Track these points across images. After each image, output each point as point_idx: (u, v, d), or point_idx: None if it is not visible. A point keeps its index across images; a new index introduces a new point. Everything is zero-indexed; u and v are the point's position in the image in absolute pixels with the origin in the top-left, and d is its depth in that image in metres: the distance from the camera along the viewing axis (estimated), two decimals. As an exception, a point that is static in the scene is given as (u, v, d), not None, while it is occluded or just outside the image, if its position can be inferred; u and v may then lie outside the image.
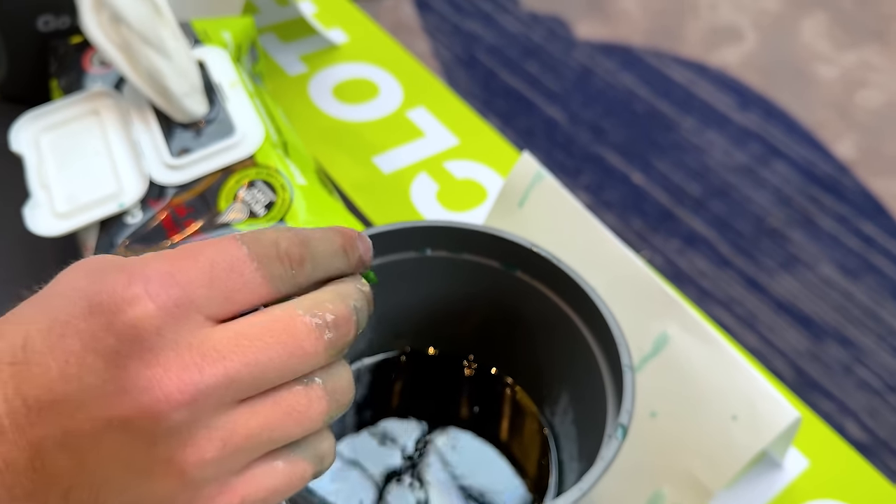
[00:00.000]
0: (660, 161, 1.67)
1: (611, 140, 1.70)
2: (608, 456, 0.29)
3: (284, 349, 0.22)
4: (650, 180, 1.63)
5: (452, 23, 1.97)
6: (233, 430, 0.21)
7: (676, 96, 1.83)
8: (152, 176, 0.44)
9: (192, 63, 0.47)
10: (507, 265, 0.38)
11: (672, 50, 1.96)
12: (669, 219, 1.55)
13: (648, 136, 1.73)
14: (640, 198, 1.59)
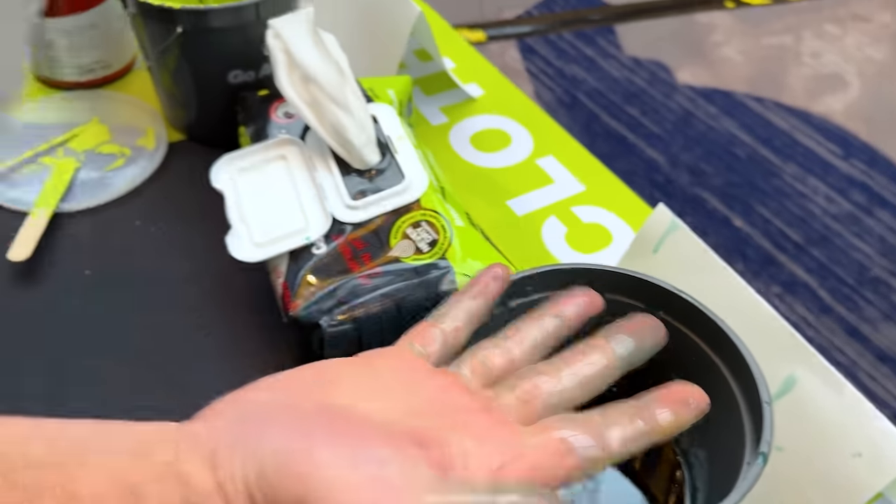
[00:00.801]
0: (761, 206, 1.68)
1: (711, 183, 1.72)
2: (750, 480, 0.34)
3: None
4: (751, 225, 1.64)
5: (556, 67, 2.04)
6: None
7: (779, 142, 1.84)
8: (334, 214, 0.52)
9: (368, 118, 0.54)
10: (650, 306, 0.43)
11: (775, 97, 1.97)
12: (771, 264, 1.56)
13: (750, 180, 1.74)
14: (741, 242, 1.60)
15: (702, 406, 0.32)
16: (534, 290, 0.43)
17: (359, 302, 0.48)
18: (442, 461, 0.26)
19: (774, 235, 1.61)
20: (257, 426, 0.25)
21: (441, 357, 0.34)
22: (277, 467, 0.23)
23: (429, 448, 0.26)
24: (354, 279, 0.49)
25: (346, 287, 0.49)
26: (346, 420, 0.27)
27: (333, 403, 0.28)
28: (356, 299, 0.48)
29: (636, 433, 0.30)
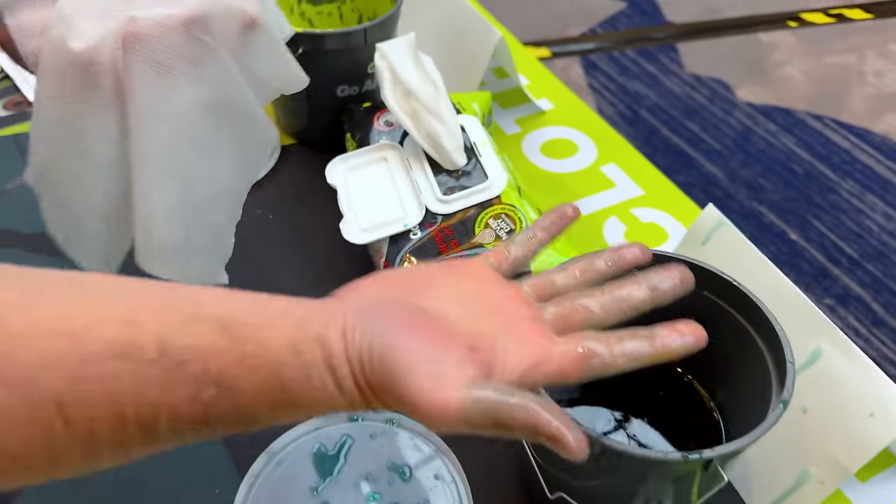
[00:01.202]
0: (817, 220, 1.72)
1: (769, 198, 1.77)
2: (772, 419, 0.42)
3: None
4: (807, 238, 1.68)
5: (618, 83, 2.11)
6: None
7: (837, 159, 1.87)
8: (428, 207, 0.61)
9: (458, 126, 0.64)
10: (697, 285, 0.51)
11: (835, 115, 2.00)
12: (825, 276, 1.60)
13: (807, 195, 1.78)
14: (795, 254, 1.64)
15: (700, 338, 0.38)
16: (597, 269, 0.52)
17: (449, 279, 0.58)
18: (487, 360, 0.34)
19: (829, 249, 1.65)
20: (371, 315, 0.34)
21: (508, 273, 0.42)
22: (381, 354, 0.32)
23: (479, 351, 0.34)
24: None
25: (437, 267, 0.58)
26: (430, 323, 0.35)
27: (424, 306, 0.36)
28: (446, 277, 0.58)
29: (641, 350, 0.36)
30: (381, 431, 0.56)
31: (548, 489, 0.48)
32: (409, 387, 0.32)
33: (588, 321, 0.38)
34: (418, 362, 0.32)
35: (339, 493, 0.52)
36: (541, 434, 0.32)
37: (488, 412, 0.32)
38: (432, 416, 0.32)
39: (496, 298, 0.38)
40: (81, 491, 0.53)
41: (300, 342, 0.32)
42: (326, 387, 0.33)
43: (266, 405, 0.32)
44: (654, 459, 0.41)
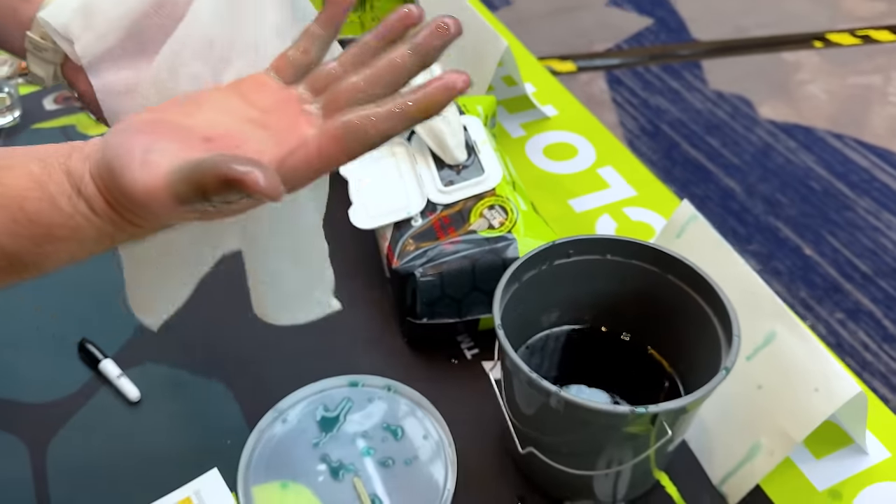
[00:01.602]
0: (832, 236, 1.74)
1: (785, 213, 1.80)
2: (714, 383, 0.47)
3: None
4: (821, 253, 1.70)
5: (641, 97, 2.16)
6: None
7: (856, 177, 1.89)
8: (429, 197, 0.68)
9: (460, 126, 0.70)
10: (663, 270, 0.56)
11: (856, 134, 2.02)
12: (837, 291, 1.62)
13: (823, 212, 1.80)
14: (809, 269, 1.67)
15: (464, 81, 0.35)
16: (574, 253, 0.58)
17: (443, 261, 0.64)
18: (225, 148, 0.34)
19: (843, 265, 1.68)
20: (114, 133, 0.35)
21: (292, 76, 0.39)
22: (105, 159, 0.34)
23: (214, 141, 0.34)
24: (441, 245, 0.65)
25: (434, 250, 0.64)
26: (160, 125, 0.35)
27: (178, 121, 0.36)
28: (441, 259, 0.64)
29: (404, 105, 0.34)
30: (377, 396, 0.62)
31: (520, 445, 0.54)
32: (124, 178, 0.33)
33: (355, 98, 0.36)
34: (133, 155, 0.33)
35: (338, 447, 0.59)
36: (232, 179, 0.30)
37: (190, 178, 0.32)
38: (147, 196, 0.33)
39: (269, 103, 0.38)
40: (110, 443, 0.60)
41: (42, 174, 0.35)
42: (78, 209, 0.35)
43: (23, 241, 0.35)
44: (605, 412, 0.47)
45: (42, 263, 0.36)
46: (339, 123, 0.35)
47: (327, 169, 0.35)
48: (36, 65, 0.46)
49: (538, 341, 0.61)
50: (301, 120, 0.37)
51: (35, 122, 0.90)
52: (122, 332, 0.67)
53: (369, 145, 0.35)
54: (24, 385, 0.63)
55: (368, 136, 0.34)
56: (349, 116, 0.35)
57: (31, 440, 0.59)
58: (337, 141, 0.35)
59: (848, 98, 2.16)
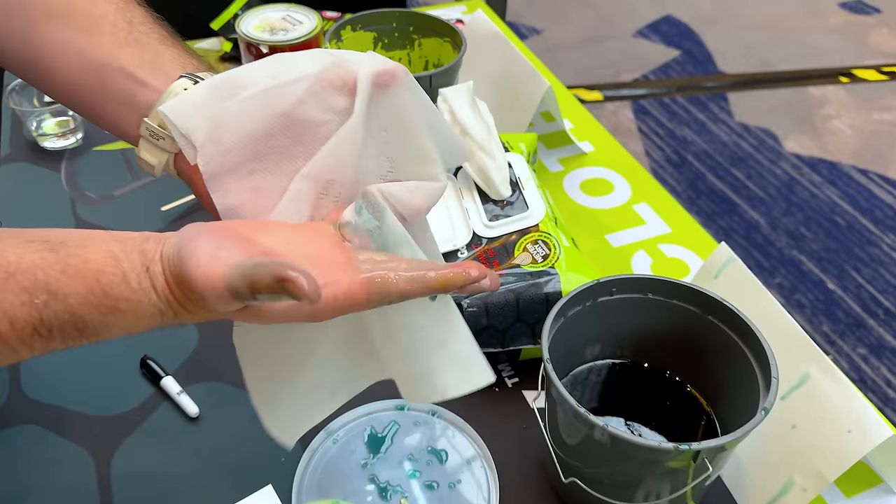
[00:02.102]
0: (856, 272, 1.76)
1: (809, 247, 1.82)
2: (753, 423, 0.50)
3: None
4: (844, 288, 1.72)
5: (667, 128, 2.19)
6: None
7: (880, 213, 1.91)
8: (475, 230, 0.71)
9: (505, 163, 0.74)
10: (703, 311, 0.59)
11: (881, 170, 2.04)
12: (860, 327, 1.64)
13: (847, 247, 1.82)
14: (832, 303, 1.68)
15: (493, 281, 0.44)
16: (617, 291, 0.60)
17: (489, 293, 0.67)
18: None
19: (866, 300, 1.69)
20: (194, 230, 0.40)
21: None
22: (178, 249, 0.38)
23: (272, 256, 0.39)
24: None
25: (480, 282, 0.67)
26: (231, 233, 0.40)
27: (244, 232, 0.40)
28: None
29: (424, 276, 0.41)
30: (423, 420, 0.65)
31: (563, 475, 0.56)
32: (190, 266, 0.38)
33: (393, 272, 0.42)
34: (203, 250, 0.38)
35: (385, 468, 0.62)
36: (278, 280, 0.35)
37: (245, 275, 0.36)
38: (204, 284, 0.37)
39: (321, 245, 0.43)
40: (170, 455, 0.63)
41: (120, 253, 0.39)
42: (143, 286, 0.39)
43: (93, 310, 0.39)
44: (649, 447, 0.49)
45: (102, 332, 0.40)
46: (369, 274, 0.41)
47: (350, 309, 0.41)
48: (148, 151, 0.47)
49: (581, 373, 0.63)
50: (343, 264, 0.42)
51: (96, 145, 0.94)
52: (182, 351, 0.70)
53: (388, 299, 0.41)
54: (91, 398, 0.66)
55: (389, 292, 0.41)
56: (378, 271, 0.41)
57: (96, 451, 0.62)
58: (363, 287, 0.41)
59: (873, 134, 2.17)
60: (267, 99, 0.43)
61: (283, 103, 0.43)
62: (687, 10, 2.75)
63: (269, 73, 0.44)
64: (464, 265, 0.43)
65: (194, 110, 0.43)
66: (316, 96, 0.44)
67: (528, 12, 2.69)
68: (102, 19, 0.48)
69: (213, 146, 0.43)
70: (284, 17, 0.93)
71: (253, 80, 0.44)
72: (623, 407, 0.61)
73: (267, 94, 0.43)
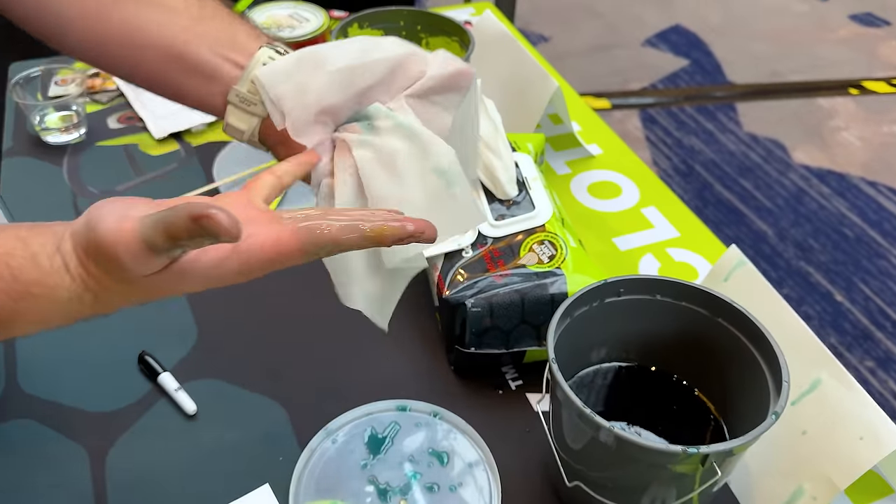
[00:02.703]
0: (864, 284, 1.74)
1: (817, 258, 1.80)
2: (763, 427, 0.48)
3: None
4: (852, 300, 1.70)
5: (675, 137, 2.18)
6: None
7: (889, 226, 1.89)
8: (480, 230, 0.70)
9: (512, 162, 0.73)
10: (713, 313, 0.58)
11: (890, 182, 2.02)
12: (867, 339, 1.62)
13: (855, 259, 1.80)
14: (839, 315, 1.67)
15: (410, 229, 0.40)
16: (625, 292, 0.59)
17: (493, 293, 0.65)
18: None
19: (874, 313, 1.67)
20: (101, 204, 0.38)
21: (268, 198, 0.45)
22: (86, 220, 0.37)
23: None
24: (491, 277, 0.66)
25: (484, 282, 0.66)
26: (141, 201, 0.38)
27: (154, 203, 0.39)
28: (491, 291, 0.66)
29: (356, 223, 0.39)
30: (425, 422, 0.64)
31: (567, 479, 0.55)
32: (99, 231, 0.36)
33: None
34: (111, 214, 0.37)
35: (385, 469, 0.60)
36: (198, 220, 0.33)
37: (158, 224, 0.35)
38: (117, 245, 0.36)
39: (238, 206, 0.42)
40: (166, 453, 0.62)
41: (28, 236, 0.38)
42: (55, 266, 0.37)
43: (3, 297, 0.37)
44: (656, 450, 0.48)
45: (14, 322, 0.38)
46: (300, 224, 0.39)
47: (282, 262, 0.39)
48: (237, 118, 0.48)
49: (586, 376, 0.62)
50: (267, 219, 0.40)
51: (99, 140, 0.93)
52: (180, 348, 0.69)
53: (322, 248, 0.39)
54: (88, 394, 0.65)
55: (321, 241, 0.39)
56: (309, 221, 0.39)
57: (92, 448, 0.61)
58: (294, 235, 0.39)
59: (882, 146, 2.16)
60: (351, 75, 0.46)
61: (362, 81, 0.46)
62: (696, 19, 2.74)
63: (354, 49, 0.47)
64: (401, 218, 0.40)
65: (285, 78, 0.46)
66: (388, 80, 0.47)
67: (536, 20, 2.69)
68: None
69: (301, 111, 0.46)
70: (291, 15, 0.92)
71: (338, 55, 0.47)
72: (629, 411, 0.60)
73: (351, 70, 0.46)
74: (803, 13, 2.81)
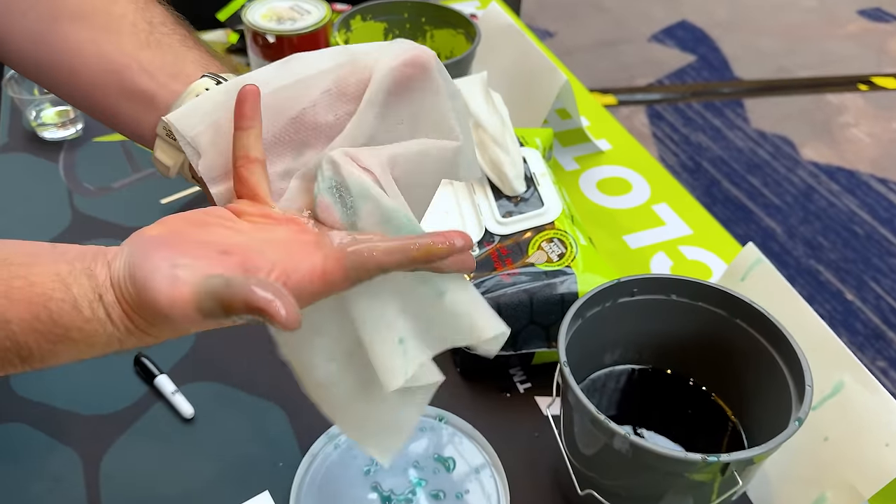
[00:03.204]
0: (875, 282, 1.71)
1: (827, 257, 1.77)
2: (786, 434, 0.46)
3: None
4: (863, 299, 1.67)
5: (682, 133, 2.15)
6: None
7: (900, 223, 1.86)
8: (487, 227, 0.67)
9: (520, 158, 0.70)
10: (730, 314, 0.55)
11: (901, 178, 1.99)
12: (879, 339, 1.59)
13: (865, 257, 1.77)
14: (850, 314, 1.64)
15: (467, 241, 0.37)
16: (639, 292, 0.57)
17: (501, 293, 0.63)
18: (242, 263, 0.35)
19: (885, 312, 1.64)
20: (133, 244, 0.37)
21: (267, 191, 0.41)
22: (131, 272, 0.35)
23: (231, 255, 0.36)
24: (498, 276, 0.64)
25: (492, 281, 0.64)
26: (179, 238, 0.36)
27: (190, 234, 0.37)
28: (498, 290, 0.63)
29: (401, 246, 0.36)
30: (430, 426, 0.62)
31: (579, 486, 0.53)
32: (150, 290, 0.34)
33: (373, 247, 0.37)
34: (160, 272, 0.35)
35: (389, 476, 0.58)
36: (254, 306, 0.32)
37: (215, 296, 0.33)
38: (173, 311, 0.34)
39: (285, 232, 0.39)
40: (162, 458, 0.60)
41: (68, 276, 0.36)
42: (97, 315, 0.36)
43: (40, 338, 0.35)
44: (674, 458, 0.46)
45: (49, 360, 0.37)
46: (346, 250, 0.37)
47: (329, 291, 0.37)
48: (164, 152, 0.45)
49: (598, 379, 0.60)
50: (312, 246, 0.38)
51: (96, 136, 0.91)
52: (178, 349, 0.67)
53: (368, 275, 0.37)
54: (82, 397, 0.63)
55: (369, 266, 0.36)
56: (355, 246, 0.37)
57: (85, 452, 0.59)
58: (340, 264, 0.36)
59: (892, 142, 2.13)
60: (276, 103, 0.41)
61: (291, 109, 0.41)
62: (702, 15, 2.71)
63: (281, 75, 0.41)
64: (446, 234, 0.38)
65: (202, 117, 0.41)
66: (327, 98, 0.41)
67: (541, 15, 2.66)
68: (122, 19, 0.46)
69: (216, 151, 0.41)
70: (292, 7, 0.90)
71: (265, 82, 0.41)
72: (643, 415, 0.58)
73: (275, 96, 0.41)
74: (811, 8, 2.77)
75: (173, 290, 0.34)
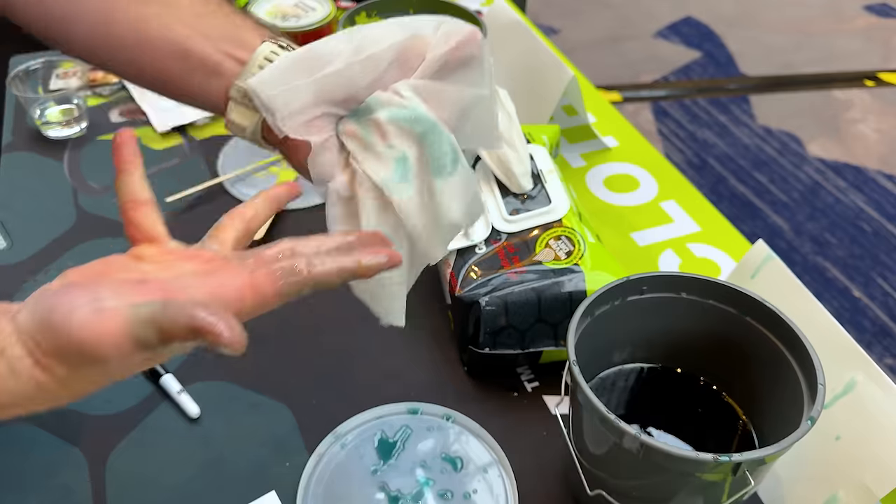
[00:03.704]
0: (882, 279, 1.70)
1: (834, 253, 1.76)
2: (799, 434, 0.45)
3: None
4: (870, 296, 1.66)
5: (688, 130, 2.14)
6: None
7: (908, 219, 1.85)
8: (494, 225, 0.67)
9: (527, 154, 0.70)
10: (741, 312, 0.55)
11: (908, 174, 1.98)
12: (887, 336, 1.58)
13: (873, 254, 1.76)
14: (857, 311, 1.63)
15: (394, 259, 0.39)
16: (648, 290, 0.56)
17: (508, 291, 0.63)
18: (159, 289, 0.35)
19: (893, 309, 1.63)
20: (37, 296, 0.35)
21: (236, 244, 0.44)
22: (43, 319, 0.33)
23: (148, 283, 0.35)
24: (505, 274, 0.64)
25: (499, 279, 0.63)
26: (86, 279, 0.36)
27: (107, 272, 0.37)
28: (506, 289, 0.63)
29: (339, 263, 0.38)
30: (437, 425, 0.61)
31: (588, 486, 0.52)
32: (73, 330, 0.32)
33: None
34: (76, 308, 0.33)
35: (396, 476, 0.58)
36: (197, 329, 0.31)
37: (152, 323, 0.32)
38: (103, 345, 0.32)
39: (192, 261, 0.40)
40: (168, 458, 0.59)
41: None
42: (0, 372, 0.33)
43: None
44: (686, 458, 0.45)
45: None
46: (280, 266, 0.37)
47: (259, 308, 0.36)
48: (239, 113, 0.47)
49: (607, 378, 0.59)
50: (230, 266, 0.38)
51: (100, 134, 0.91)
52: (182, 348, 0.66)
53: (299, 287, 0.37)
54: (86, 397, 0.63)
55: (301, 278, 0.37)
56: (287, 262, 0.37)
57: (91, 452, 0.59)
58: (270, 277, 0.36)
59: (900, 139, 2.12)
60: (347, 75, 0.44)
61: (363, 79, 0.44)
62: (707, 11, 2.70)
63: (349, 47, 0.44)
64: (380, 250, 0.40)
65: (279, 82, 0.43)
66: (393, 70, 0.44)
67: (546, 12, 2.65)
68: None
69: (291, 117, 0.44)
70: (297, 4, 0.89)
71: (334, 53, 0.44)
72: (652, 414, 0.57)
73: (349, 69, 0.44)
74: (817, 3, 2.76)
75: (100, 322, 0.32)
